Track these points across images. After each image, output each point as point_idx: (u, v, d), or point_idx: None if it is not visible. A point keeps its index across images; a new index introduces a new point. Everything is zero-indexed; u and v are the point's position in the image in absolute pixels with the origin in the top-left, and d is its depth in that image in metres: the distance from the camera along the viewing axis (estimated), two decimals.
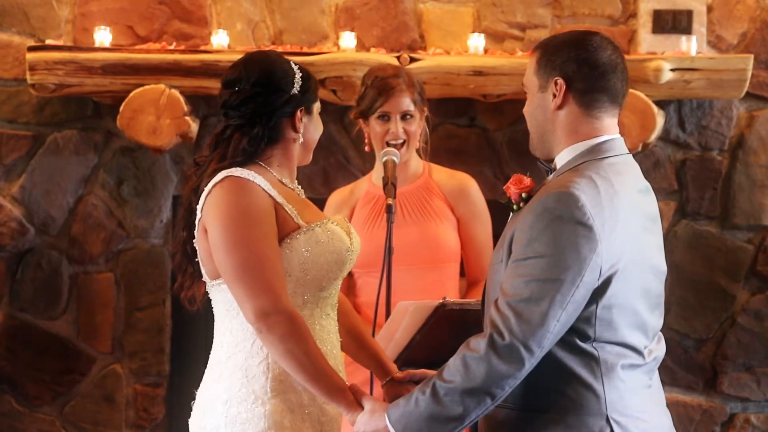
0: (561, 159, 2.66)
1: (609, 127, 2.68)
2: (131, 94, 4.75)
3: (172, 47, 4.88)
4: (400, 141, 3.89)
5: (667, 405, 2.73)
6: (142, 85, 4.76)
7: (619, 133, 2.71)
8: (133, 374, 5.10)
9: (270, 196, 2.81)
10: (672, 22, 4.92)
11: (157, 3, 5.03)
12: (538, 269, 2.48)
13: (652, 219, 2.68)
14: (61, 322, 5.12)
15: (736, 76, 4.78)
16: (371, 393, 3.09)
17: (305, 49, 4.90)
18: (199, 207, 2.83)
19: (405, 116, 3.90)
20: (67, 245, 5.10)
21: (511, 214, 2.70)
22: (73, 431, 5.12)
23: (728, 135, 5.05)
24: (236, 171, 2.80)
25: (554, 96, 2.65)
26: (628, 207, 2.58)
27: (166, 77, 4.77)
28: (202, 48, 4.88)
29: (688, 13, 4.91)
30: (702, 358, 5.06)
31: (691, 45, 4.82)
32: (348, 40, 4.86)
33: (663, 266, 2.70)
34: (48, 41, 4.95)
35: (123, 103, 4.76)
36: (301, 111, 2.88)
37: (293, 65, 2.90)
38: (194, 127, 4.85)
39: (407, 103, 3.90)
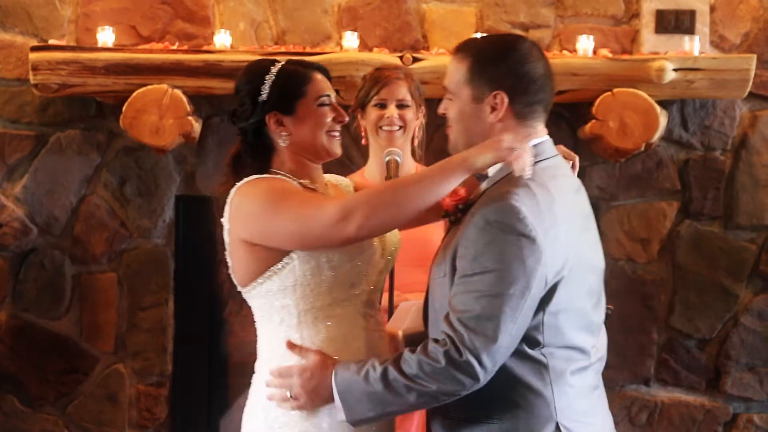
0: (494, 166, 2.63)
1: (540, 131, 2.68)
2: (134, 94, 4.75)
3: (174, 47, 4.88)
4: (396, 127, 3.88)
5: (671, 405, 2.73)
6: (145, 85, 4.76)
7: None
8: (136, 374, 5.10)
9: None
10: (675, 22, 4.92)
11: (160, 3, 5.03)
12: (486, 284, 2.49)
13: (587, 217, 2.70)
14: (64, 322, 5.12)
15: (739, 76, 4.78)
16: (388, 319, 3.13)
17: (308, 49, 4.90)
18: (225, 218, 2.80)
19: (401, 105, 3.90)
20: (69, 245, 5.10)
21: (450, 225, 2.70)
22: (76, 431, 5.12)
23: (731, 135, 5.05)
24: (254, 177, 2.79)
25: (493, 109, 2.63)
26: (566, 211, 2.59)
27: (169, 77, 4.78)
28: (205, 48, 4.88)
29: (691, 13, 4.91)
30: (705, 358, 5.05)
31: (694, 45, 4.82)
32: (351, 40, 4.86)
33: (601, 263, 2.73)
34: (51, 41, 4.96)
35: (126, 103, 4.76)
36: (274, 115, 2.84)
37: (272, 68, 2.85)
38: (197, 127, 4.85)
39: (403, 92, 3.91)
